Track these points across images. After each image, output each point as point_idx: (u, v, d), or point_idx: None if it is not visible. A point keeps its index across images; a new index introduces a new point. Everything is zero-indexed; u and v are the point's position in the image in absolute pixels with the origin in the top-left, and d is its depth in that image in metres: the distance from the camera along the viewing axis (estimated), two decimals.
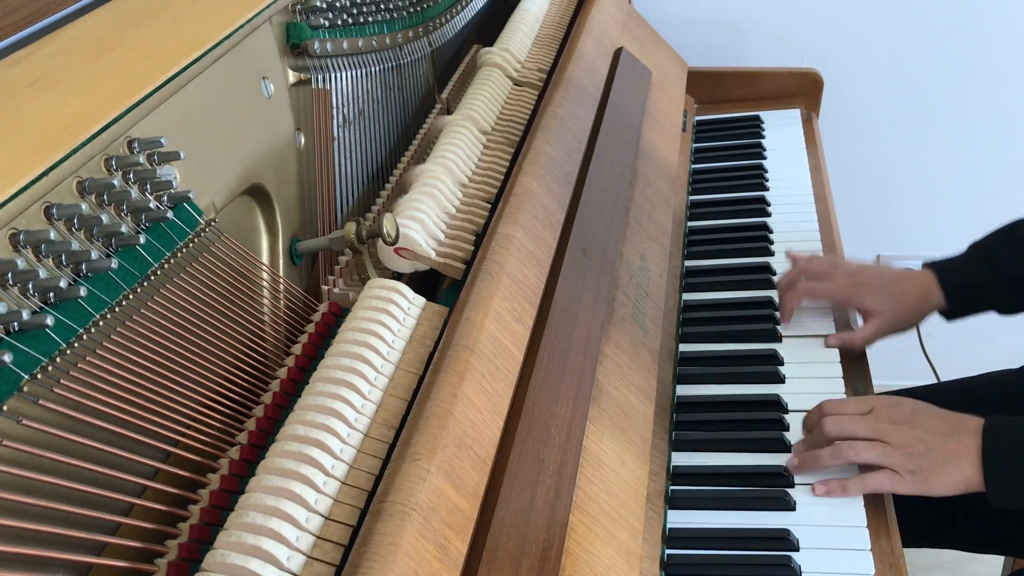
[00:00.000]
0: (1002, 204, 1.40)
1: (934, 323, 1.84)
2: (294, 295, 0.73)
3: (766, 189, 1.29)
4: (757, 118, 1.48)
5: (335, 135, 0.83)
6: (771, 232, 1.20)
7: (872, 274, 1.01)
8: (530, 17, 1.26)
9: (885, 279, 1.00)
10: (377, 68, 0.93)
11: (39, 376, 0.46)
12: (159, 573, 0.51)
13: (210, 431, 0.60)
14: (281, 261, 0.75)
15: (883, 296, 0.99)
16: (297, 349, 0.70)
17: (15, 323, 0.44)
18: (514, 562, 0.58)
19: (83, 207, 0.50)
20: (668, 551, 0.78)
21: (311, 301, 0.75)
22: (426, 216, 0.80)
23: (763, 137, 1.43)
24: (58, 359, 0.47)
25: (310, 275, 0.80)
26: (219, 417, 0.61)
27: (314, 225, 0.80)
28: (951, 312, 0.99)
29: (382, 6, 0.94)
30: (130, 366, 0.53)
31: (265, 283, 0.70)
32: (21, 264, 0.45)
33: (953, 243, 1.04)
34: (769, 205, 1.25)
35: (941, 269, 0.99)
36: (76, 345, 0.48)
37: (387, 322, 0.68)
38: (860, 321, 1.03)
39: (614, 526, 0.71)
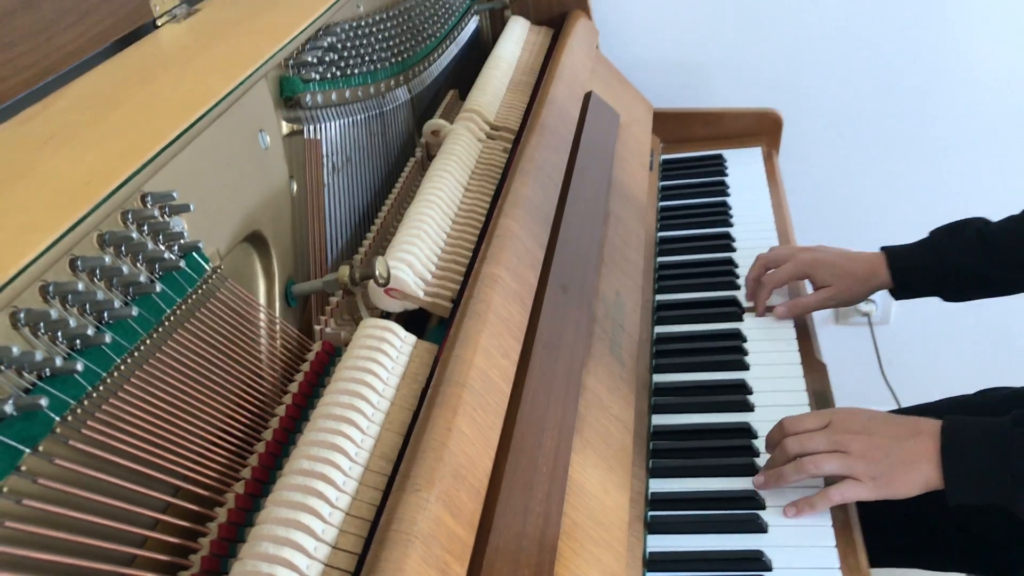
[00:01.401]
0: None
1: (894, 351, 1.91)
2: (290, 335, 0.77)
3: (731, 225, 1.35)
4: (720, 157, 1.54)
5: (325, 182, 0.87)
6: (736, 267, 1.25)
7: (829, 251, 1.14)
8: (503, 64, 1.31)
9: (839, 256, 1.13)
10: (362, 116, 0.97)
11: (68, 418, 0.49)
12: None
13: (216, 467, 0.63)
14: (277, 303, 0.78)
15: (835, 270, 1.11)
16: (294, 387, 0.74)
17: (47, 369, 0.48)
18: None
19: (105, 259, 0.53)
20: (649, 574, 0.82)
21: (305, 340, 0.79)
22: (414, 258, 0.84)
23: (726, 175, 1.49)
24: (85, 402, 0.50)
25: (302, 316, 0.84)
26: (224, 453, 0.64)
27: (307, 268, 0.84)
28: (897, 291, 1.11)
29: (366, 57, 0.98)
30: (145, 407, 0.56)
31: (263, 324, 0.73)
32: (54, 314, 0.48)
33: None
34: (734, 240, 1.31)
35: (891, 253, 1.11)
36: (101, 388, 0.52)
37: (381, 360, 0.72)
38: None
39: (599, 551, 0.74)
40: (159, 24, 0.87)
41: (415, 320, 0.87)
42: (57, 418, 0.48)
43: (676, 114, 1.62)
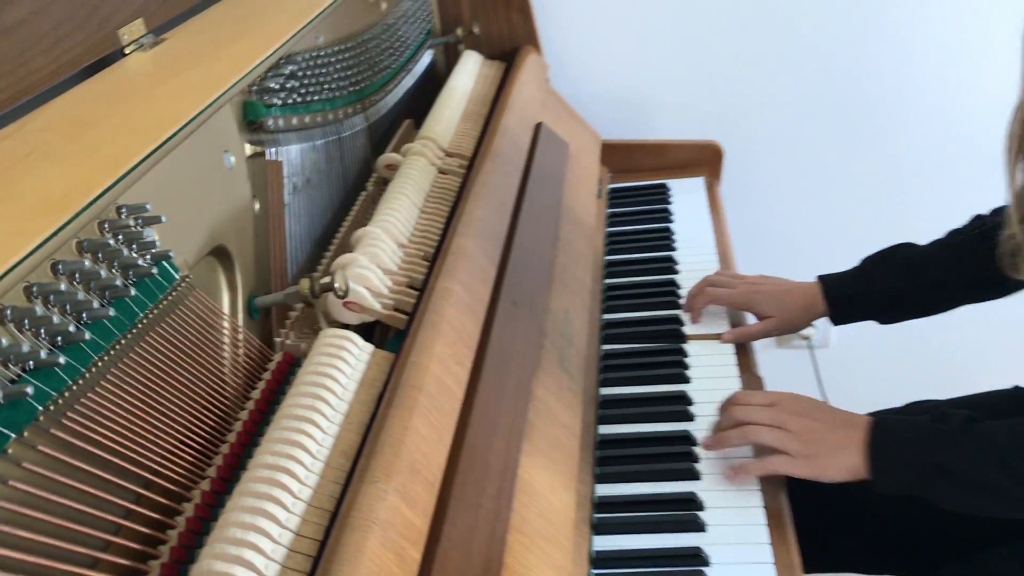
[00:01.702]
0: None
1: (834, 373, 1.98)
2: (252, 345, 0.81)
3: (674, 250, 1.42)
4: (664, 186, 1.62)
5: (286, 202, 0.91)
6: (679, 288, 1.31)
7: (769, 284, 1.20)
8: (457, 95, 1.37)
9: (779, 289, 1.18)
10: (321, 141, 1.02)
11: (51, 408, 0.53)
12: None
13: (184, 464, 0.66)
14: (240, 315, 0.82)
15: (776, 303, 1.17)
16: (256, 394, 0.78)
17: (32, 361, 0.51)
18: (461, 572, 0.66)
19: (85, 263, 0.57)
20: (594, 571, 0.87)
21: (267, 351, 0.83)
22: (371, 273, 0.89)
23: (670, 203, 1.56)
24: (66, 394, 0.54)
25: (263, 328, 0.88)
26: (192, 452, 0.68)
27: (268, 283, 0.88)
28: (834, 318, 1.17)
29: (326, 85, 1.04)
30: (119, 403, 0.60)
31: (227, 334, 0.77)
32: (39, 311, 0.52)
33: None
34: (677, 264, 1.38)
35: (827, 282, 1.16)
36: (80, 383, 0.55)
37: (341, 366, 0.76)
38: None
39: (547, 546, 0.79)
40: (127, 52, 0.92)
41: (372, 333, 0.91)
42: (40, 408, 0.52)
43: (623, 145, 1.69)
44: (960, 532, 1.06)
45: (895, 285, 1.13)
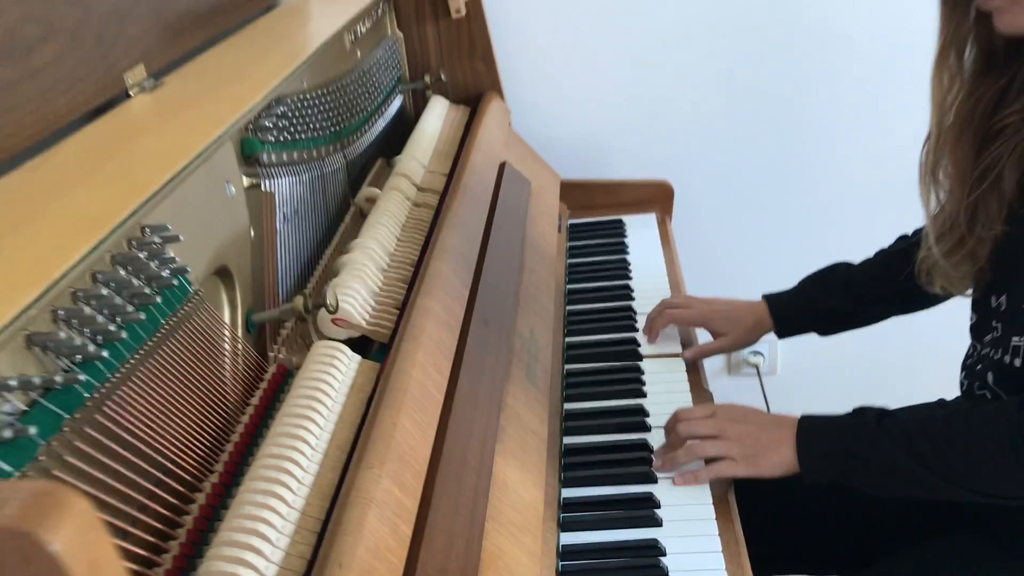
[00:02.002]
0: None
1: (781, 398, 2.09)
2: (250, 356, 0.89)
3: (630, 279, 1.53)
4: (620, 221, 1.73)
5: (277, 229, 1.00)
6: (635, 313, 1.42)
7: (721, 304, 1.32)
8: (427, 136, 1.47)
9: (731, 308, 1.31)
10: (307, 176, 1.11)
11: (96, 395, 0.61)
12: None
13: (194, 461, 0.74)
14: (239, 330, 0.91)
15: (729, 321, 1.29)
16: (256, 400, 0.86)
17: (79, 355, 0.60)
18: (445, 548, 0.74)
19: (121, 272, 0.66)
20: (562, 563, 0.95)
21: (263, 362, 0.91)
22: (356, 293, 0.98)
23: (626, 237, 1.67)
24: (106, 385, 0.62)
25: (258, 343, 0.96)
26: (201, 450, 0.76)
27: (263, 301, 0.97)
28: (779, 332, 1.30)
29: (311, 125, 1.13)
30: (140, 404, 0.68)
31: (229, 345, 0.86)
32: (87, 310, 0.60)
33: None
34: (633, 291, 1.48)
35: (771, 301, 1.29)
36: (109, 384, 0.63)
37: (333, 373, 0.85)
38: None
39: (520, 533, 0.87)
40: (131, 94, 1.00)
41: (358, 347, 1.00)
42: (87, 395, 0.60)
43: (580, 184, 1.80)
44: (890, 530, 1.16)
45: (831, 301, 1.25)
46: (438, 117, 1.60)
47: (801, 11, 1.79)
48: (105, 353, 0.60)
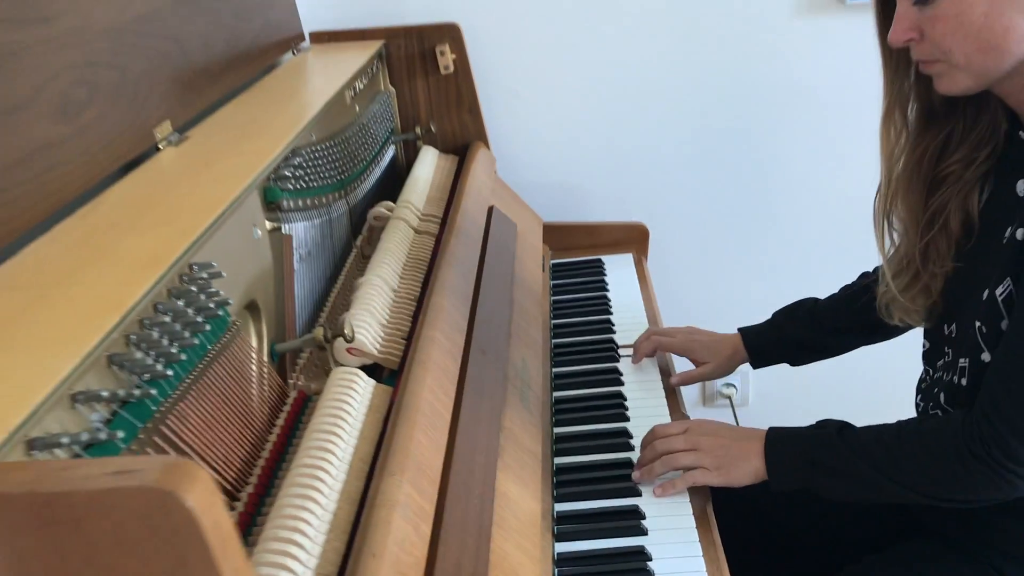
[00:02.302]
0: None
1: (748, 424, 2.19)
2: (275, 383, 0.99)
3: (611, 313, 1.64)
4: (600, 261, 1.84)
5: (295, 268, 1.10)
6: (617, 346, 1.52)
7: (702, 334, 1.43)
8: (421, 181, 1.59)
9: (711, 339, 1.42)
10: (318, 220, 1.22)
11: (148, 425, 0.70)
12: None
13: (231, 473, 0.83)
14: (265, 358, 1.00)
15: (710, 351, 1.40)
16: (280, 421, 0.95)
17: (148, 373, 0.69)
18: (459, 547, 0.83)
19: (179, 303, 0.76)
20: (558, 570, 1.05)
21: (285, 387, 1.01)
22: (368, 325, 1.08)
23: (605, 275, 1.78)
24: (162, 412, 0.71)
25: (279, 370, 1.05)
26: (237, 463, 0.85)
27: (283, 333, 1.07)
28: (753, 363, 1.40)
29: (321, 174, 1.24)
30: (191, 421, 0.77)
31: (256, 372, 0.95)
32: (155, 334, 0.70)
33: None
34: (614, 325, 1.59)
35: (745, 333, 1.40)
36: (170, 400, 0.73)
37: (352, 395, 0.95)
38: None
39: (520, 539, 0.97)
40: (160, 147, 1.11)
41: (368, 373, 1.09)
42: (154, 408, 0.69)
43: (561, 226, 1.92)
44: (857, 538, 1.27)
45: (800, 333, 1.36)
46: (429, 165, 1.71)
47: (767, 65, 1.93)
48: (169, 372, 0.70)
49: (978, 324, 1.02)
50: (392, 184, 1.69)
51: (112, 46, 1.03)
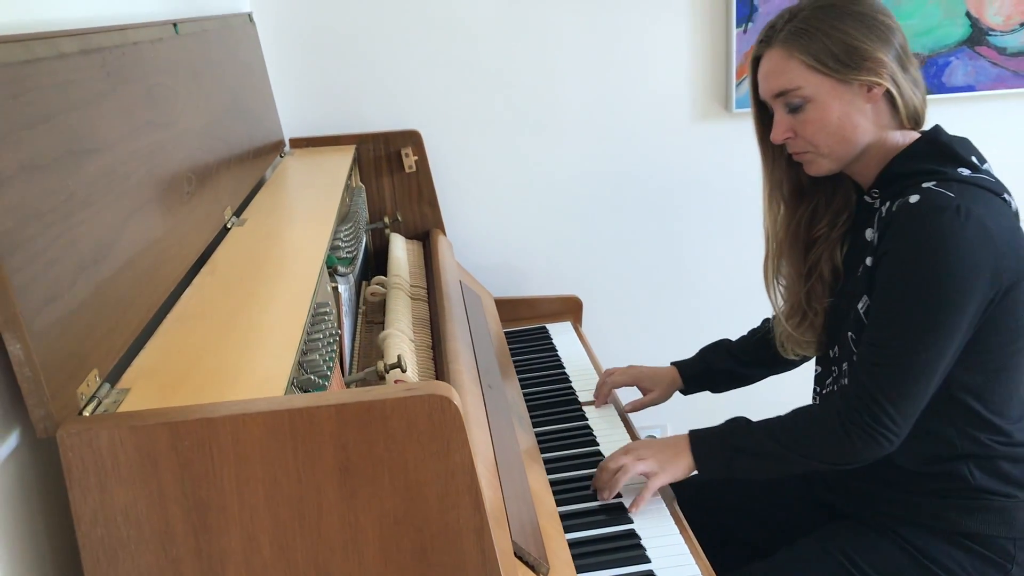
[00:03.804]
0: None
1: None
2: None
3: (564, 367, 1.95)
4: (545, 328, 2.16)
5: (344, 320, 1.37)
6: (575, 392, 1.83)
7: (645, 368, 1.75)
8: (401, 261, 1.88)
9: (652, 371, 1.74)
10: (346, 286, 1.49)
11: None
12: None
13: None
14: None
15: (654, 380, 1.72)
16: None
17: None
18: (517, 503, 1.10)
19: (317, 335, 1.02)
20: (573, 551, 1.31)
21: None
22: (408, 361, 1.35)
23: (552, 340, 2.10)
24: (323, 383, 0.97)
25: None
26: None
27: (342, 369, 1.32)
28: (685, 390, 1.73)
29: (347, 249, 1.52)
30: None
31: None
32: (313, 356, 0.96)
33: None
34: (568, 375, 1.90)
35: (679, 365, 1.72)
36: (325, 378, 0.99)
37: None
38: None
39: (551, 529, 1.24)
40: (228, 227, 1.37)
41: None
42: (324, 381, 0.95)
43: (508, 300, 2.23)
44: (788, 523, 1.58)
45: (720, 364, 1.70)
46: (402, 249, 2.00)
47: (670, 160, 2.33)
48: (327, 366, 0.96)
49: (849, 334, 1.37)
50: (366, 264, 1.97)
51: (201, 143, 1.30)
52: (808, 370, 1.67)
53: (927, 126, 1.36)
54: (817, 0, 1.35)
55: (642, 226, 2.38)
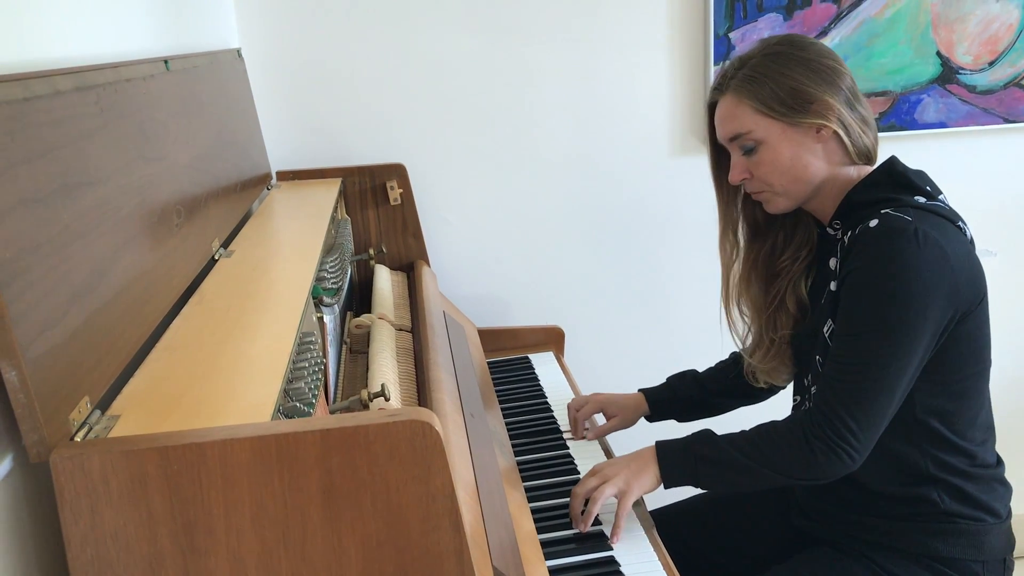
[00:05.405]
0: None
1: None
2: None
3: (545, 396, 1.98)
4: (527, 358, 2.19)
5: (328, 349, 1.40)
6: (557, 422, 1.86)
7: (611, 395, 1.77)
8: (385, 292, 1.91)
9: (619, 397, 1.76)
10: (331, 316, 1.52)
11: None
12: None
13: None
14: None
15: (619, 407, 1.74)
16: None
17: None
18: (499, 530, 1.13)
19: (302, 364, 1.04)
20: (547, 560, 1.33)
21: None
22: (392, 389, 1.38)
23: (534, 370, 2.13)
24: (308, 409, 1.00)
25: None
26: None
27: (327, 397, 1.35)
28: (651, 417, 1.75)
29: (333, 280, 1.55)
30: None
31: None
32: (299, 385, 0.99)
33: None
34: (550, 403, 1.93)
35: (646, 392, 1.75)
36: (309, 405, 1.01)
37: None
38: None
39: (529, 551, 1.26)
40: (216, 258, 1.40)
41: None
42: (309, 408, 0.98)
43: (492, 330, 2.26)
44: (769, 547, 1.61)
45: (687, 392, 1.73)
46: (387, 280, 2.03)
47: (648, 192, 2.39)
48: (312, 394, 0.99)
49: (817, 358, 1.41)
50: (351, 295, 2.00)
51: (190, 177, 1.33)
52: (779, 401, 1.71)
53: (882, 158, 1.41)
54: (766, 48, 1.41)
55: (623, 257, 2.42)
